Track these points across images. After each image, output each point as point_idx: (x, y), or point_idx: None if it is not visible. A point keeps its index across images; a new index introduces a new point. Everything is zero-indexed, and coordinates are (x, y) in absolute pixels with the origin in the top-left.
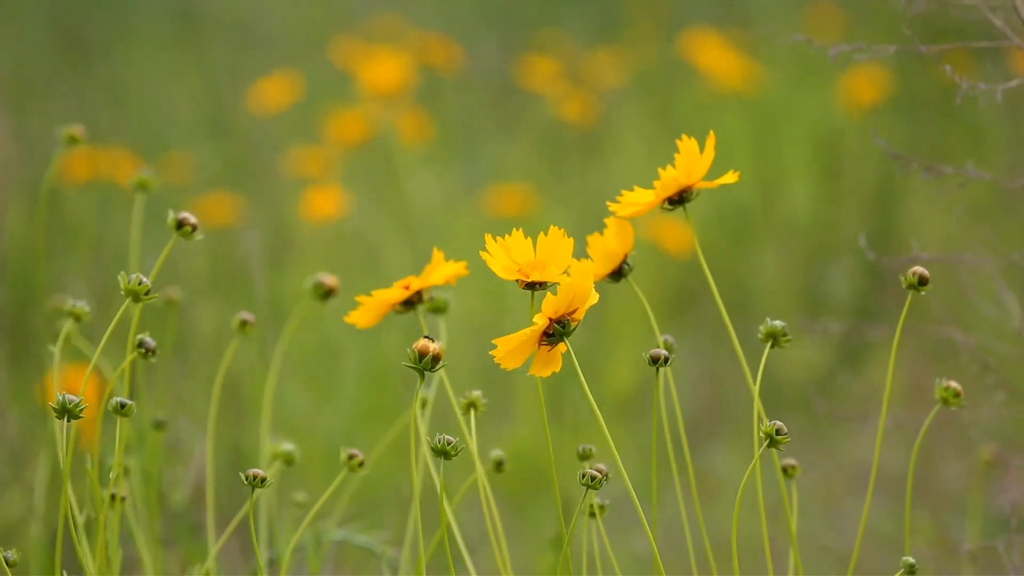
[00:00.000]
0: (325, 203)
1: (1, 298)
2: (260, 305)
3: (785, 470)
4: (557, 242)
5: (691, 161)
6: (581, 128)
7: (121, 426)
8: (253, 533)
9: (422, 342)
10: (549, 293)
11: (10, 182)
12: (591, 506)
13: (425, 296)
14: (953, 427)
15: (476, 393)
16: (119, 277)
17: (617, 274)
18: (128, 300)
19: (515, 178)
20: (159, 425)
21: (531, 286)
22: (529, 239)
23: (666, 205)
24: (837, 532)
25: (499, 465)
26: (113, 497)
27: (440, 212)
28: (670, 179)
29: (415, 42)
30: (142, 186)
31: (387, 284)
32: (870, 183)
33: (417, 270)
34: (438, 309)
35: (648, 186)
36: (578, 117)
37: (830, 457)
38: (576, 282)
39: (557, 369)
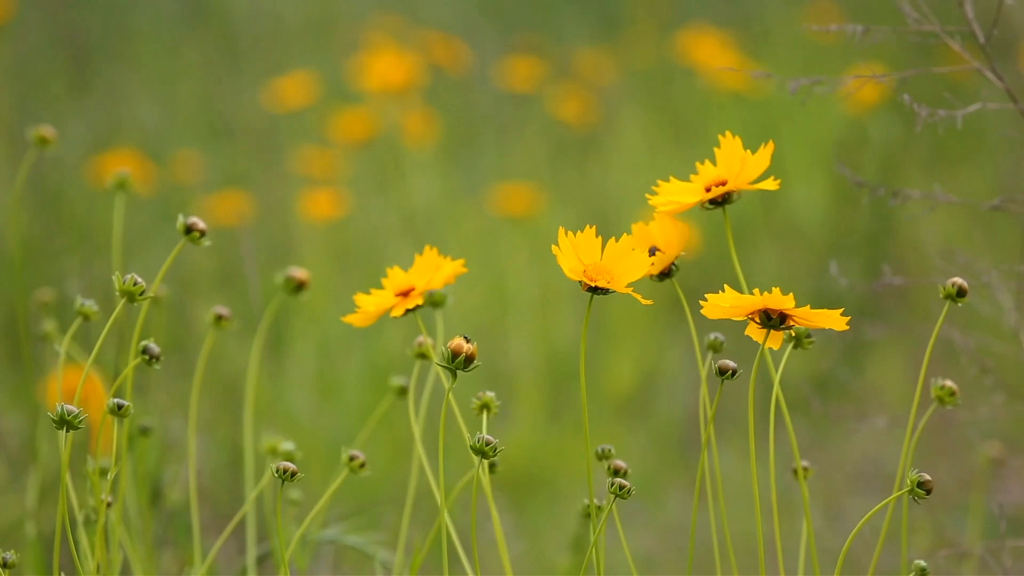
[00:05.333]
0: (326, 202)
1: None
2: (257, 304)
3: (797, 472)
4: (625, 252)
5: (737, 162)
6: (582, 127)
7: (120, 427)
8: (280, 531)
9: (456, 341)
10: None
11: (11, 183)
12: (598, 506)
13: (425, 299)
14: (953, 427)
15: (490, 394)
16: (113, 277)
17: (665, 274)
18: (124, 300)
19: (517, 178)
20: (145, 431)
21: (593, 290)
22: (599, 239)
23: (707, 205)
24: (837, 532)
25: (492, 466)
26: (109, 503)
27: (443, 211)
28: (714, 180)
29: (419, 41)
30: (121, 186)
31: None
32: (871, 182)
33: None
34: (436, 303)
35: (651, 184)
36: (579, 116)
37: (830, 457)
38: (813, 315)
39: (775, 347)
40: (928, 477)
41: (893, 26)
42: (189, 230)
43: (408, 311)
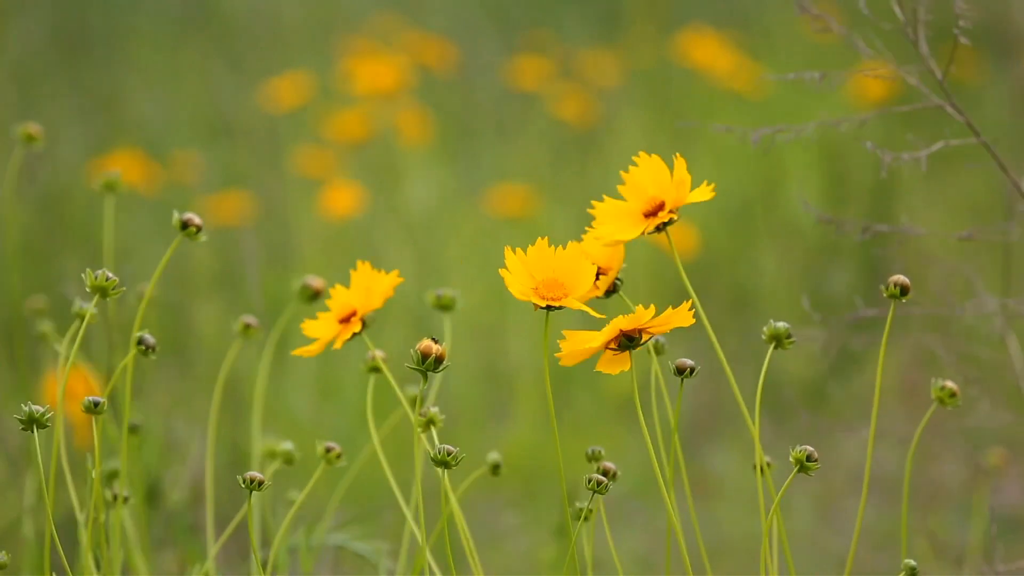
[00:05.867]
0: (340, 200)
1: None
2: (256, 305)
3: (762, 468)
4: (577, 262)
5: (671, 185)
6: (582, 127)
7: (98, 425)
8: (252, 536)
9: (425, 343)
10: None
11: (11, 183)
12: (590, 508)
13: (368, 320)
14: (942, 430)
15: (434, 410)
16: (83, 275)
17: (610, 291)
18: (97, 297)
19: (516, 178)
20: (133, 429)
21: (548, 308)
22: (551, 249)
23: (650, 231)
24: (835, 532)
25: (496, 468)
26: (114, 498)
27: (442, 212)
28: (651, 204)
29: (413, 42)
30: (110, 187)
31: None
32: (871, 183)
33: (420, 270)
34: (444, 307)
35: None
36: (579, 116)
37: (828, 458)
38: (664, 316)
39: (626, 369)
40: (812, 450)
41: (852, 69)
42: (185, 225)
43: (353, 336)
